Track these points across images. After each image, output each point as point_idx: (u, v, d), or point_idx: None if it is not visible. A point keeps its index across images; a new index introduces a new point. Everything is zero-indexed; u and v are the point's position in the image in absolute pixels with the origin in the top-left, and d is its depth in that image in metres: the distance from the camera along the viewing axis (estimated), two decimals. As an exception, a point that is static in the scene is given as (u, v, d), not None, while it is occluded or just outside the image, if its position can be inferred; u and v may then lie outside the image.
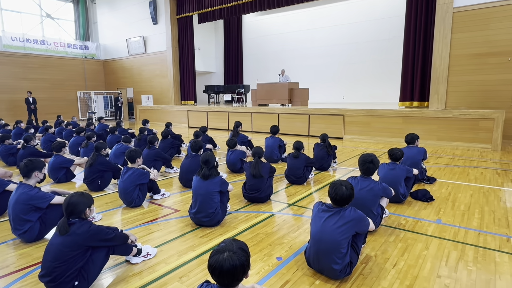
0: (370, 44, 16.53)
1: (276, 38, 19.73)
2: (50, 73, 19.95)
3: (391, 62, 15.85)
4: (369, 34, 16.50)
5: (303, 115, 12.01)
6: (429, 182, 5.76)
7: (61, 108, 19.96)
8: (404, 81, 11.68)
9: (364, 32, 16.64)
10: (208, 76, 23.00)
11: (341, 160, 7.81)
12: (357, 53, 17.01)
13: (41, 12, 20.09)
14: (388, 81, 16.05)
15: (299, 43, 18.85)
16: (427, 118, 9.60)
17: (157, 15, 18.55)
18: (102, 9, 21.88)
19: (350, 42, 17.16)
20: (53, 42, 20.07)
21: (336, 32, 17.53)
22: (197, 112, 15.68)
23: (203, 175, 4.01)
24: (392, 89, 15.49)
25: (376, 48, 16.36)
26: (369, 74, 16.70)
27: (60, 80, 20.40)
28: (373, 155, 3.77)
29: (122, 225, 4.17)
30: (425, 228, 3.93)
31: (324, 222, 2.88)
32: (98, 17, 22.21)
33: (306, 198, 5.10)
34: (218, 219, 4.02)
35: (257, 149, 5.07)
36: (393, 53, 15.67)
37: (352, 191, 2.89)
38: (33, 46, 19.22)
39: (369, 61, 16.66)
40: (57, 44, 20.23)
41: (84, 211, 2.82)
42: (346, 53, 17.35)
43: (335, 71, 17.79)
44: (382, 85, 16.30)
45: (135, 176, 4.69)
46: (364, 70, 16.84)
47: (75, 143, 8.45)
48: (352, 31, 17.04)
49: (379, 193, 3.73)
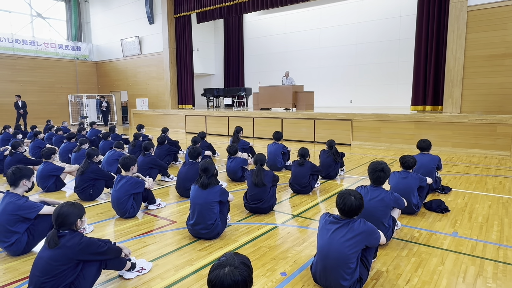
0: (379, 45, 16.59)
1: (280, 39, 19.84)
2: (40, 75, 20.10)
3: (402, 64, 15.89)
4: (378, 34, 16.57)
5: (308, 120, 12.00)
6: (444, 192, 5.73)
7: (51, 113, 20.06)
8: (416, 84, 11.69)
9: (373, 32, 16.71)
10: (207, 79, 23.10)
11: (349, 168, 7.79)
12: (366, 54, 17.06)
13: (31, 11, 20.29)
14: (399, 84, 16.07)
15: (304, 43, 18.94)
16: (441, 124, 9.58)
17: (153, 14, 18.70)
18: (95, 8, 22.10)
19: (359, 42, 17.23)
20: (44, 42, 20.25)
21: (344, 32, 17.61)
22: (195, 117, 15.71)
23: (201, 184, 4.00)
24: (404, 92, 15.50)
25: (386, 49, 16.41)
26: (379, 76, 16.73)
27: (51, 83, 20.54)
28: (384, 163, 3.76)
29: (115, 237, 4.15)
30: (440, 241, 3.90)
31: (331, 234, 2.86)
32: (91, 17, 22.42)
33: (312, 209, 5.07)
34: (218, 231, 4.00)
35: (259, 156, 5.07)
36: (404, 54, 15.72)
37: (361, 202, 2.88)
38: (22, 47, 19.39)
39: (378, 63, 16.71)
40: (47, 44, 20.40)
41: (75, 223, 2.81)
42: (354, 54, 17.41)
43: (342, 73, 17.84)
44: (393, 88, 16.32)
45: (129, 185, 4.69)
46: (374, 72, 16.88)
47: (66, 150, 8.47)
48: (361, 31, 17.12)
49: (390, 204, 3.71)
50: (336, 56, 17.97)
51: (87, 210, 5.08)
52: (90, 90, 22.24)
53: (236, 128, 8.85)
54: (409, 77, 14.16)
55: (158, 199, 5.31)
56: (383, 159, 8.57)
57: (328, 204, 5.30)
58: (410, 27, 14.97)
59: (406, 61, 15.45)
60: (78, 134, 9.98)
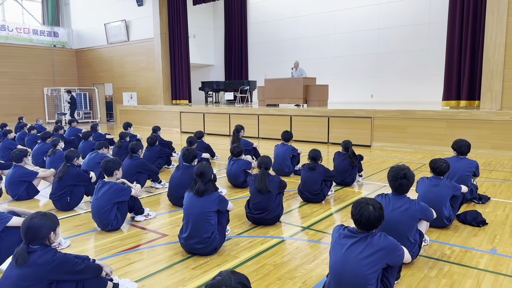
0: (405, 30, 16.52)
1: (289, 23, 19.84)
2: (11, 65, 20.23)
3: (432, 52, 15.83)
4: (404, 17, 16.51)
5: (322, 117, 11.97)
6: (481, 201, 5.68)
7: (23, 109, 20.19)
8: (449, 76, 11.62)
9: (398, 15, 16.65)
10: (205, 70, 23.15)
11: (369, 173, 7.75)
12: (389, 41, 17.01)
13: (2, -8, 20.49)
14: (428, 75, 16.00)
15: (317, 29, 18.92)
16: (477, 122, 9.52)
17: (142, -5, 18.81)
18: (76, -12, 22.25)
19: (381, 27, 17.18)
20: (16, 27, 20.39)
21: (364, 14, 17.58)
22: (191, 114, 15.73)
23: (197, 191, 4.00)
24: (434, 85, 15.42)
25: (413, 34, 16.34)
26: (404, 66, 16.67)
27: (23, 74, 20.68)
28: (406, 168, 3.74)
29: (96, 253, 4.16)
30: (476, 260, 3.87)
31: (346, 251, 2.85)
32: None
33: (324, 220, 5.06)
34: (215, 245, 4.00)
35: (264, 159, 5.06)
36: (435, 41, 15.65)
37: (381, 212, 2.87)
38: (-9, 33, 19.56)
39: (404, 51, 16.65)
40: (20, 30, 20.55)
41: (48, 236, 2.81)
42: (376, 41, 17.37)
43: (362, 64, 17.80)
44: (421, 80, 16.25)
45: (112, 192, 4.69)
46: (398, 62, 16.82)
47: (40, 152, 8.50)
48: (384, 13, 17.08)
49: (416, 215, 3.68)
50: (354, 43, 17.93)
51: (63, 222, 5.10)
52: (69, 83, 22.39)
53: (236, 126, 8.86)
54: (440, 68, 14.08)
55: (147, 208, 5.31)
56: (409, 164, 8.53)
57: (343, 215, 5.28)
58: (441, 8, 14.90)
59: (437, 48, 15.37)
60: (54, 134, 10.03)
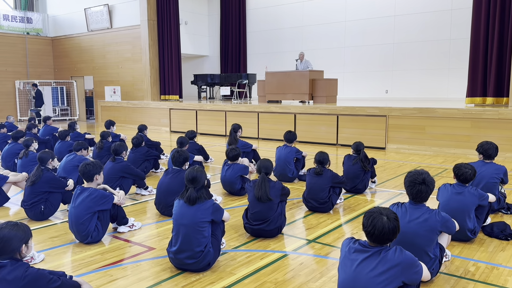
0: (424, 17, 16.53)
1: (293, 9, 19.86)
2: (-21, 55, 20.25)
3: (455, 42, 15.83)
4: (423, 3, 16.51)
5: (330, 116, 11.97)
6: (509, 212, 5.68)
7: (-7, 104, 20.20)
8: (474, 69, 11.63)
9: (416, 0, 16.65)
10: (198, 62, 23.16)
11: (383, 179, 7.75)
12: (406, 30, 17.02)
13: (-31, -28, 20.49)
14: (451, 68, 16.02)
15: (324, 15, 18.92)
16: (506, 121, 9.53)
17: (128, -24, 18.83)
18: (52, -32, 22.26)
19: (398, 13, 17.20)
20: (-16, 13, 20.40)
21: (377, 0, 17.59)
22: (182, 111, 15.73)
23: (188, 199, 4.00)
24: (457, 80, 15.44)
25: (434, 22, 16.35)
26: (423, 59, 16.67)
27: (-8, 66, 20.69)
28: (426, 173, 3.73)
29: (73, 268, 4.15)
30: (504, 278, 3.87)
31: (357, 267, 2.85)
32: (46, -21, 22.59)
33: (332, 232, 5.06)
34: (209, 260, 3.99)
35: (264, 162, 5.06)
36: (458, 30, 15.65)
37: (396, 223, 2.86)
38: (-45, 19, 19.56)
39: (423, 41, 16.66)
40: (-11, 15, 20.56)
41: (19, 249, 2.81)
42: (392, 30, 17.37)
43: (375, 55, 17.81)
44: (442, 74, 16.26)
45: (92, 199, 4.68)
46: (416, 53, 16.83)
47: (11, 153, 8.49)
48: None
49: (436, 227, 3.68)
50: (367, 32, 17.94)
51: (37, 233, 5.09)
52: (44, 75, 22.38)
53: (233, 126, 8.85)
54: (464, 60, 14.07)
55: (131, 218, 5.31)
56: (428, 168, 8.52)
57: (354, 227, 5.28)
58: (465, -6, 14.92)
59: (461, 38, 15.36)
60: (27, 133, 10.02)
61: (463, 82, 13.37)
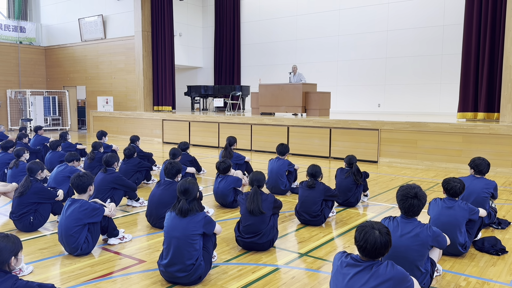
0: (416, 33, 16.73)
1: (287, 23, 20.02)
2: (-29, 64, 20.17)
3: (446, 58, 16.02)
4: (416, 18, 16.71)
5: (323, 129, 12.02)
6: (500, 227, 5.70)
7: (-16, 113, 20.09)
8: (465, 84, 11.74)
9: (409, 16, 16.86)
10: (192, 73, 23.21)
11: (375, 192, 7.77)
12: (398, 45, 17.20)
13: (-37, -19, 20.49)
14: (443, 83, 16.17)
15: (318, 29, 19.09)
16: (497, 136, 9.61)
17: (122, -12, 18.91)
18: (47, -22, 22.31)
19: (390, 28, 17.39)
20: (-22, 21, 20.37)
21: (371, 14, 17.78)
22: (175, 122, 15.71)
23: (180, 211, 3.99)
24: (448, 95, 15.59)
25: (426, 37, 16.54)
26: (415, 74, 16.84)
27: (-16, 74, 20.61)
28: (417, 187, 3.76)
29: (62, 281, 4.11)
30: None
31: (349, 281, 2.85)
32: (41, -11, 22.62)
33: (324, 246, 5.05)
34: (200, 274, 3.97)
35: (257, 175, 5.06)
36: (449, 46, 15.84)
37: (388, 238, 2.87)
38: (-51, 27, 19.50)
39: (415, 56, 16.84)
40: (-18, 24, 20.53)
41: (8, 261, 2.79)
42: (384, 44, 17.56)
43: (368, 69, 17.96)
44: (434, 89, 16.41)
45: (82, 211, 4.65)
46: (408, 68, 16.99)
47: (0, 163, 8.42)
48: (393, 13, 17.29)
49: (428, 242, 3.69)
50: (360, 46, 18.11)
51: (26, 244, 5.04)
52: (36, 84, 22.31)
53: (228, 139, 8.83)
54: (455, 75, 14.24)
55: (122, 230, 5.27)
56: (420, 183, 8.56)
57: (346, 240, 5.28)
58: (457, 9, 15.10)
59: (452, 54, 15.56)
60: (18, 143, 9.97)
61: (454, 97, 13.52)
